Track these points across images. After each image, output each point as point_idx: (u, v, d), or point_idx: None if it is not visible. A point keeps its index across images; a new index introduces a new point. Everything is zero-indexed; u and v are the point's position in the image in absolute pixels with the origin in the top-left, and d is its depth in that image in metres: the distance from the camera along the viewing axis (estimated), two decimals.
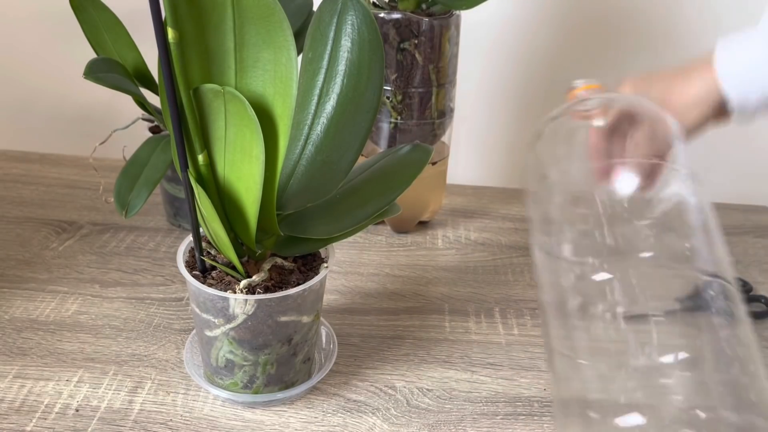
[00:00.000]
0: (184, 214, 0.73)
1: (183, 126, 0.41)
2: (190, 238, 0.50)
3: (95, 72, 0.57)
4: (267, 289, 0.47)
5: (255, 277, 0.47)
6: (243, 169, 0.43)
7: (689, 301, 0.42)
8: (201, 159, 0.43)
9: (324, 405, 0.52)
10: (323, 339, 0.57)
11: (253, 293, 0.46)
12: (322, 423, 0.50)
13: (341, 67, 0.46)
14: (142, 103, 0.65)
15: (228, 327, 0.47)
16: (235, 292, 0.46)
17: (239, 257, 0.47)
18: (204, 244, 0.49)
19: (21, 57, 0.93)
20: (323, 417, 0.51)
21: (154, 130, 0.71)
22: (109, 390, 0.52)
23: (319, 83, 0.47)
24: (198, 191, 0.42)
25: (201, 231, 0.48)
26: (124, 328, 0.59)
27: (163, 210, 0.76)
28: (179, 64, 0.39)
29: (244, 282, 0.46)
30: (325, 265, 0.50)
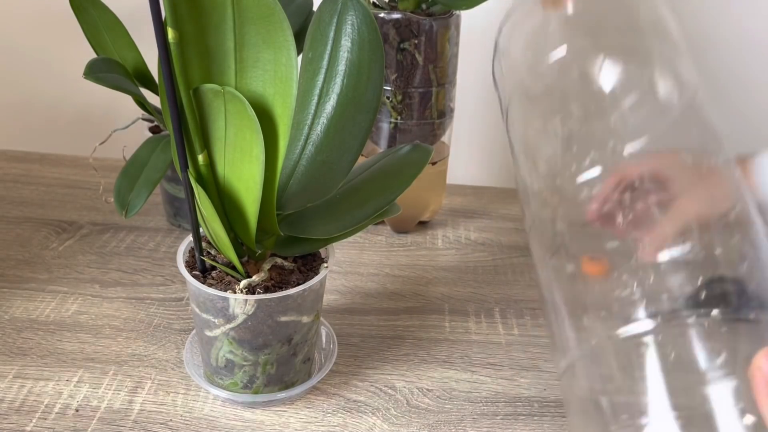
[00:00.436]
0: (184, 214, 0.73)
1: (183, 126, 0.41)
2: (190, 238, 0.50)
3: (95, 72, 0.57)
4: (267, 289, 0.47)
5: (255, 277, 0.47)
6: (243, 169, 0.42)
7: None
8: (201, 159, 0.43)
9: (324, 405, 0.52)
10: (323, 339, 0.57)
11: (253, 293, 0.46)
12: (322, 423, 0.50)
13: (341, 67, 0.46)
14: (142, 103, 0.65)
15: (228, 327, 0.47)
16: (235, 292, 0.46)
17: (239, 257, 0.47)
18: (204, 244, 0.49)
19: (21, 57, 0.93)
20: (323, 417, 0.51)
21: (154, 130, 0.71)
22: (109, 390, 0.52)
23: (319, 83, 0.47)
24: (198, 191, 0.42)
25: (201, 231, 0.48)
26: (124, 328, 0.59)
27: (163, 210, 0.76)
28: (179, 64, 0.39)
29: (244, 282, 0.46)
30: (325, 265, 0.50)
